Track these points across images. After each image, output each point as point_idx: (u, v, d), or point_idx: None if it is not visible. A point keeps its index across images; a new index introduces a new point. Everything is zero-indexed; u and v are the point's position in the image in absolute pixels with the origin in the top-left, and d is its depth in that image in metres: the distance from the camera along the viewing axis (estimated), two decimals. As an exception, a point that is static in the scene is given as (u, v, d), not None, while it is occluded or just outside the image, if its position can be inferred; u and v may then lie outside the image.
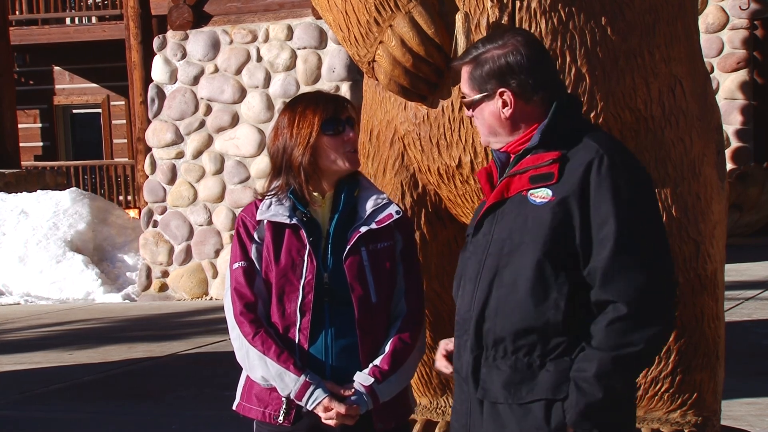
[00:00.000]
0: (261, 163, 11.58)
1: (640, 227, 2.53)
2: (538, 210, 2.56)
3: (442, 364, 2.80)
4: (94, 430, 6.21)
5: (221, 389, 6.84)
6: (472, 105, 2.69)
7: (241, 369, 2.98)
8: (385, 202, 2.96)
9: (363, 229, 2.90)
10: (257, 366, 2.86)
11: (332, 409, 2.81)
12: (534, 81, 2.65)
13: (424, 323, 3.02)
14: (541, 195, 2.58)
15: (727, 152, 12.86)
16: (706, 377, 3.43)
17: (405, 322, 2.92)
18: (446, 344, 2.81)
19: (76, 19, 20.53)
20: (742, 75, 13.83)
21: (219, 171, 11.86)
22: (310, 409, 2.83)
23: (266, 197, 2.97)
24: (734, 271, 9.79)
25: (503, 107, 2.65)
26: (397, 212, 2.94)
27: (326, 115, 2.91)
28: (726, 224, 3.61)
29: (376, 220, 2.92)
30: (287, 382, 2.83)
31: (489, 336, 2.60)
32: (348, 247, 2.88)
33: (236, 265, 2.93)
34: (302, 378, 2.82)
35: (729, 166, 12.07)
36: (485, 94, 2.65)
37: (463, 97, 2.73)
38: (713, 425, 3.48)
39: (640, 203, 2.55)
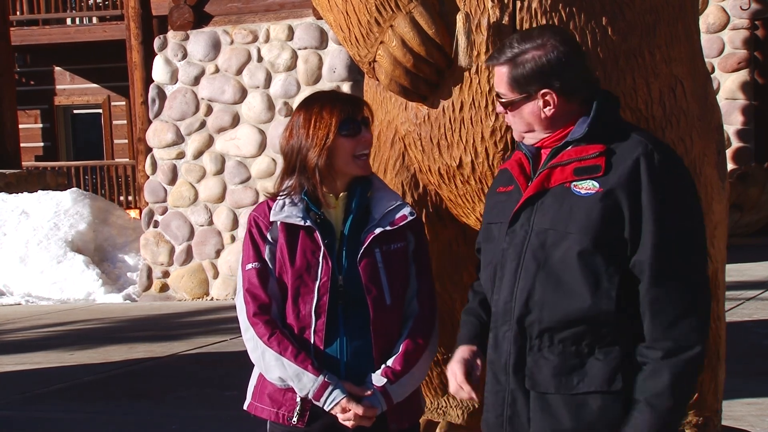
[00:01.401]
0: (262, 164, 11.58)
1: (683, 228, 2.57)
2: (584, 201, 2.56)
3: (465, 388, 2.71)
4: (94, 430, 6.21)
5: (222, 389, 6.85)
6: (511, 105, 2.68)
7: (245, 369, 2.98)
8: (399, 203, 2.95)
9: (377, 230, 2.88)
10: (274, 366, 2.84)
11: (350, 410, 2.80)
12: (574, 80, 2.66)
13: (436, 323, 3.01)
14: (586, 186, 2.58)
15: (728, 152, 12.86)
16: (707, 377, 3.42)
17: (417, 322, 2.92)
18: (464, 358, 2.75)
19: (77, 20, 20.54)
20: (742, 75, 13.82)
21: (220, 171, 11.86)
22: (327, 409, 2.82)
23: (278, 197, 2.94)
24: (735, 271, 9.78)
25: (545, 107, 2.66)
26: (411, 213, 2.93)
27: (343, 116, 2.89)
28: (727, 224, 3.61)
29: (390, 221, 2.91)
30: (305, 382, 2.81)
31: (534, 327, 2.60)
32: (363, 248, 2.87)
33: (249, 266, 2.91)
34: (320, 378, 2.81)
35: (730, 166, 12.06)
36: (527, 95, 2.65)
37: (499, 97, 2.72)
38: (714, 425, 3.48)
39: (686, 205, 2.60)
